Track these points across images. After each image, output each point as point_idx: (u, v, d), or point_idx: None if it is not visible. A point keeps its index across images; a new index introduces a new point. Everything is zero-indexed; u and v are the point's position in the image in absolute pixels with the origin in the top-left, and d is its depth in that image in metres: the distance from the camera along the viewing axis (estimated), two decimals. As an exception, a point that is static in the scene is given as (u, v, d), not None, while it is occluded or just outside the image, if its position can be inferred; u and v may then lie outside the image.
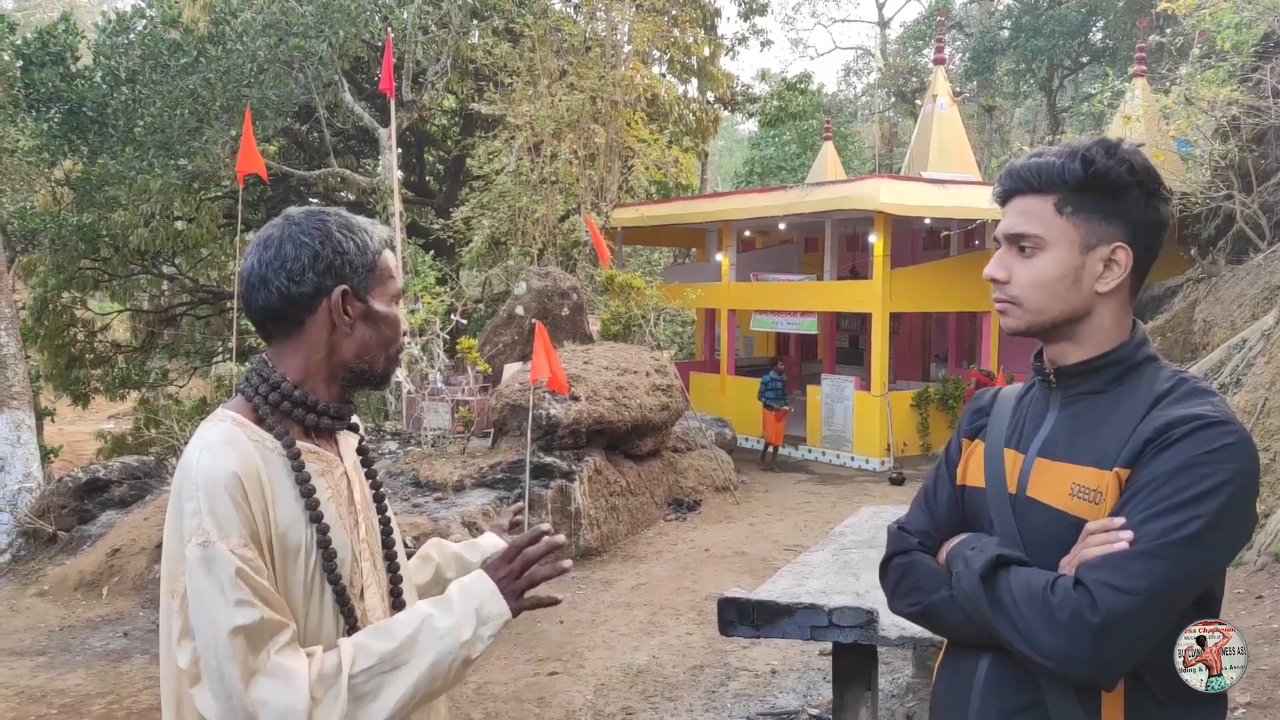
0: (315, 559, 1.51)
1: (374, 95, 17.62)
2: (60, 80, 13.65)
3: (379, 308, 1.61)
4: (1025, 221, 1.51)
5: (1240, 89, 10.90)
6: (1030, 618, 1.36)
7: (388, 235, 1.67)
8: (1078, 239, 1.49)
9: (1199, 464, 1.35)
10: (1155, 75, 15.95)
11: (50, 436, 16.33)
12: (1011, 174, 1.55)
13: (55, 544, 8.77)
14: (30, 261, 16.17)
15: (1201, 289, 11.10)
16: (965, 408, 1.78)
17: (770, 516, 10.77)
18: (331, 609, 1.52)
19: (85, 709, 5.73)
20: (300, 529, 1.50)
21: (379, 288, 1.61)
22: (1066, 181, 1.48)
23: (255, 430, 1.53)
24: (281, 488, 1.50)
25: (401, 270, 1.60)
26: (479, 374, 11.52)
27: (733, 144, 46.37)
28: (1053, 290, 1.50)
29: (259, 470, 1.47)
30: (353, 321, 1.58)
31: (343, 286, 1.56)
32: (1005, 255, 1.55)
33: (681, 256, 24.22)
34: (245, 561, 1.39)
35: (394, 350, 1.66)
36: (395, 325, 1.64)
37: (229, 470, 1.43)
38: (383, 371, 1.66)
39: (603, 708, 5.55)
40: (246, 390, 1.58)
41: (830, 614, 3.04)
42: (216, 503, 1.40)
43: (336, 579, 1.52)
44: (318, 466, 1.57)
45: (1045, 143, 6.16)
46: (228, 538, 1.39)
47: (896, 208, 13.10)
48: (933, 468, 1.77)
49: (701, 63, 21.70)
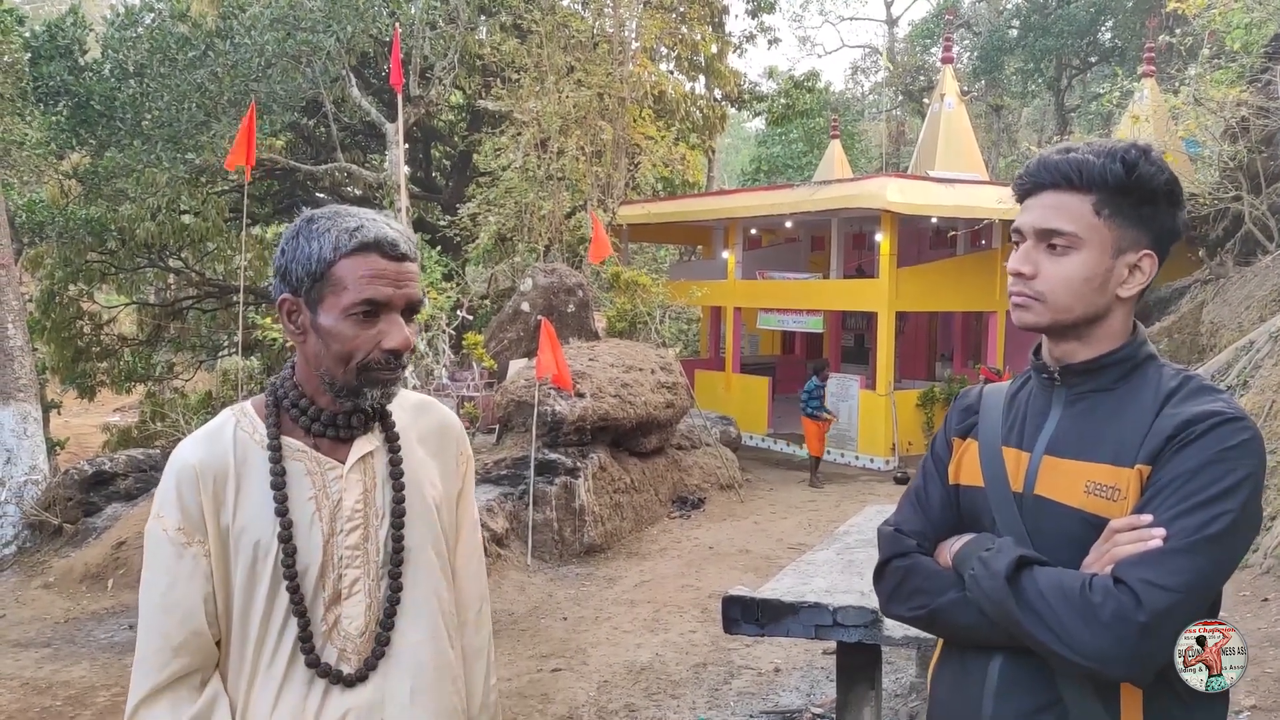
0: (276, 554, 1.51)
1: (381, 90, 17.64)
2: (68, 73, 13.69)
3: (324, 321, 1.50)
4: (1060, 218, 1.48)
5: (1249, 90, 10.87)
6: (1067, 618, 1.35)
7: (371, 238, 1.50)
8: (1110, 242, 1.48)
9: (1221, 460, 1.36)
10: (1164, 75, 15.91)
11: (56, 429, 16.36)
12: (1048, 167, 1.50)
13: (61, 536, 8.79)
14: (38, 254, 16.20)
15: (1209, 290, 11.08)
16: (952, 406, 1.76)
17: (775, 515, 10.76)
18: (285, 607, 1.52)
19: (90, 700, 5.75)
20: (266, 523, 1.52)
21: (330, 298, 1.49)
22: (1107, 182, 1.46)
23: (254, 422, 1.57)
24: (255, 481, 1.54)
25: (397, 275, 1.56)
26: (484, 370, 11.53)
27: (739, 142, 46.30)
28: (1079, 291, 1.48)
29: (228, 464, 1.53)
30: (301, 332, 1.54)
31: (284, 295, 1.53)
32: (1032, 250, 1.52)
33: (687, 254, 24.21)
34: (175, 545, 1.51)
35: (351, 366, 1.51)
36: (341, 340, 1.50)
37: (188, 461, 1.53)
38: (343, 385, 1.53)
39: (606, 704, 5.55)
40: (270, 386, 1.62)
41: (835, 613, 3.03)
42: (167, 487, 1.53)
43: (292, 575, 1.51)
44: (304, 466, 1.56)
45: (1053, 142, 6.15)
46: (164, 519, 1.52)
47: (903, 206, 13.07)
48: (919, 467, 1.75)
49: (709, 60, 21.66)
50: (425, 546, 1.64)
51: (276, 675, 1.52)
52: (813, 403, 12.66)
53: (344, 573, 1.56)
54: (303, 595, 1.52)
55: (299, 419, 1.57)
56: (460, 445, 1.77)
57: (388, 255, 1.50)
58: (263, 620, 1.52)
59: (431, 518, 1.66)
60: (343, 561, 1.56)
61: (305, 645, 1.52)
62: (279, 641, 1.52)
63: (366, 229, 1.50)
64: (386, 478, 1.61)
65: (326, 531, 1.55)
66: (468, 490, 1.79)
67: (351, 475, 1.58)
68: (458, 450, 1.76)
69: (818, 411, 12.71)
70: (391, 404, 1.64)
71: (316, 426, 1.57)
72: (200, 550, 1.51)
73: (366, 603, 1.57)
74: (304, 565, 1.53)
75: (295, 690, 1.53)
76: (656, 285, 14.75)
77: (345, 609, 1.56)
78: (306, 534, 1.54)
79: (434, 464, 1.70)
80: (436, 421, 1.74)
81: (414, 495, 1.63)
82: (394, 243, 1.51)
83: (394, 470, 1.61)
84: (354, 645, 1.56)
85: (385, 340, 1.51)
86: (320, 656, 1.53)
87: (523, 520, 8.72)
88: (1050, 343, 1.56)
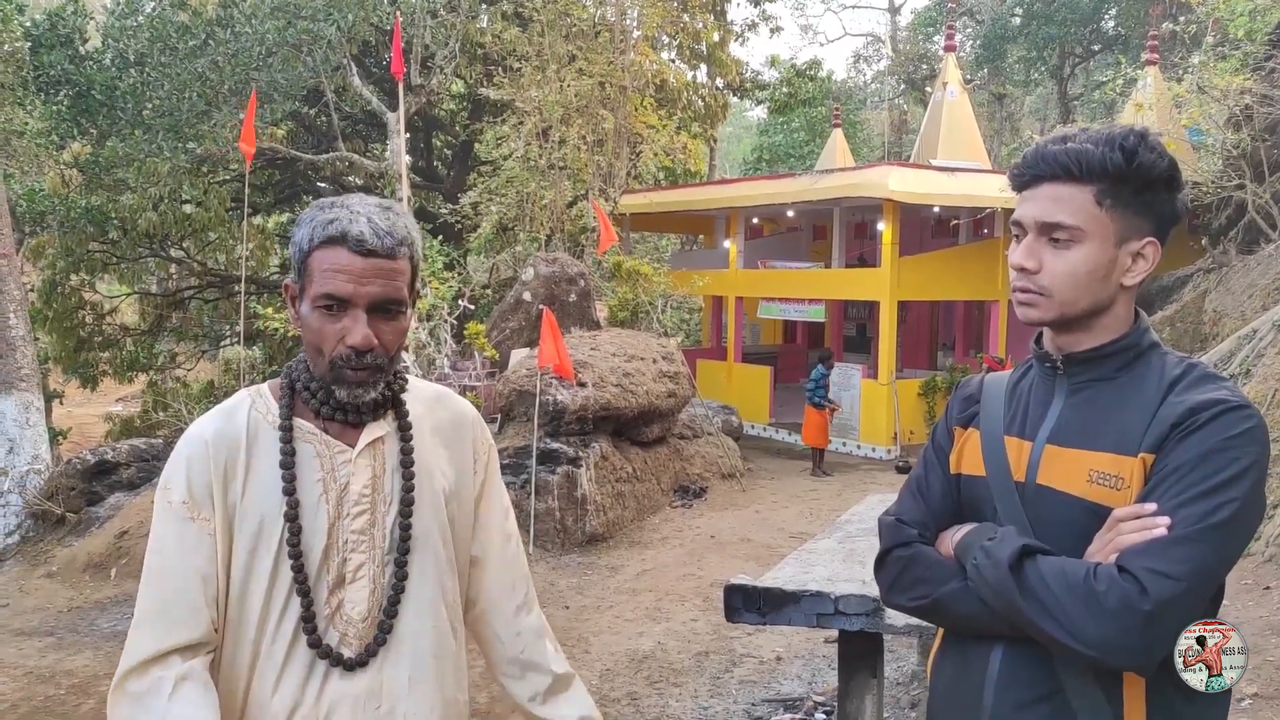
0: (282, 532, 1.52)
1: (382, 79, 17.59)
2: (69, 63, 13.65)
3: (302, 310, 1.52)
4: (1062, 211, 1.46)
5: (1253, 78, 10.82)
6: (1072, 607, 1.34)
7: (338, 231, 1.47)
8: (1113, 232, 1.46)
9: (1225, 448, 1.35)
10: (1167, 64, 15.84)
11: (58, 419, 16.37)
12: (1046, 158, 1.48)
13: (64, 526, 8.81)
14: (39, 244, 16.18)
15: (1212, 279, 11.05)
16: (953, 395, 1.75)
17: (776, 504, 10.77)
18: (288, 587, 1.52)
19: (93, 689, 5.77)
20: (273, 502, 1.52)
21: (309, 287, 1.50)
22: (1108, 172, 1.44)
23: (269, 403, 1.59)
24: (264, 460, 1.55)
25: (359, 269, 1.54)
26: (486, 359, 11.52)
27: (741, 130, 46.19)
28: (1085, 284, 1.47)
29: (240, 439, 1.54)
30: (298, 318, 1.55)
31: (287, 281, 1.57)
32: (1035, 244, 1.50)
33: (689, 243, 24.18)
34: (180, 518, 1.52)
35: (324, 358, 1.51)
36: (309, 330, 1.51)
37: (201, 434, 1.55)
38: (321, 375, 1.54)
39: (608, 693, 5.56)
40: (287, 368, 1.63)
41: (837, 601, 3.04)
42: (178, 460, 1.55)
43: (297, 554, 1.51)
44: (313, 448, 1.57)
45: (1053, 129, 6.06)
46: (170, 490, 1.53)
47: (906, 195, 13.04)
48: (920, 456, 1.74)
49: (711, 48, 21.60)
50: (433, 535, 1.63)
51: (277, 658, 1.52)
52: (819, 391, 12.69)
53: (349, 557, 1.56)
54: (306, 575, 1.52)
55: (309, 401, 1.58)
56: (478, 435, 1.76)
57: (354, 250, 1.46)
58: (265, 600, 1.52)
59: (440, 508, 1.65)
60: (348, 545, 1.56)
61: (308, 626, 1.52)
62: (280, 622, 1.52)
63: (338, 222, 1.47)
64: (397, 465, 1.61)
65: (332, 514, 1.55)
66: (493, 478, 1.78)
67: (360, 460, 1.58)
68: (474, 441, 1.75)
69: (823, 400, 12.75)
70: (406, 394, 1.65)
71: (326, 410, 1.57)
72: (205, 527, 1.51)
73: (370, 588, 1.57)
74: (309, 546, 1.53)
75: (295, 673, 1.53)
76: (658, 275, 14.74)
77: (349, 593, 1.56)
78: (313, 515, 1.54)
79: (446, 455, 1.70)
80: (452, 413, 1.74)
81: (424, 484, 1.63)
82: (360, 238, 1.46)
83: (404, 458, 1.61)
84: (356, 630, 1.56)
85: (347, 336, 1.49)
86: (323, 639, 1.53)
87: (525, 510, 8.74)
88: (1054, 333, 1.55)
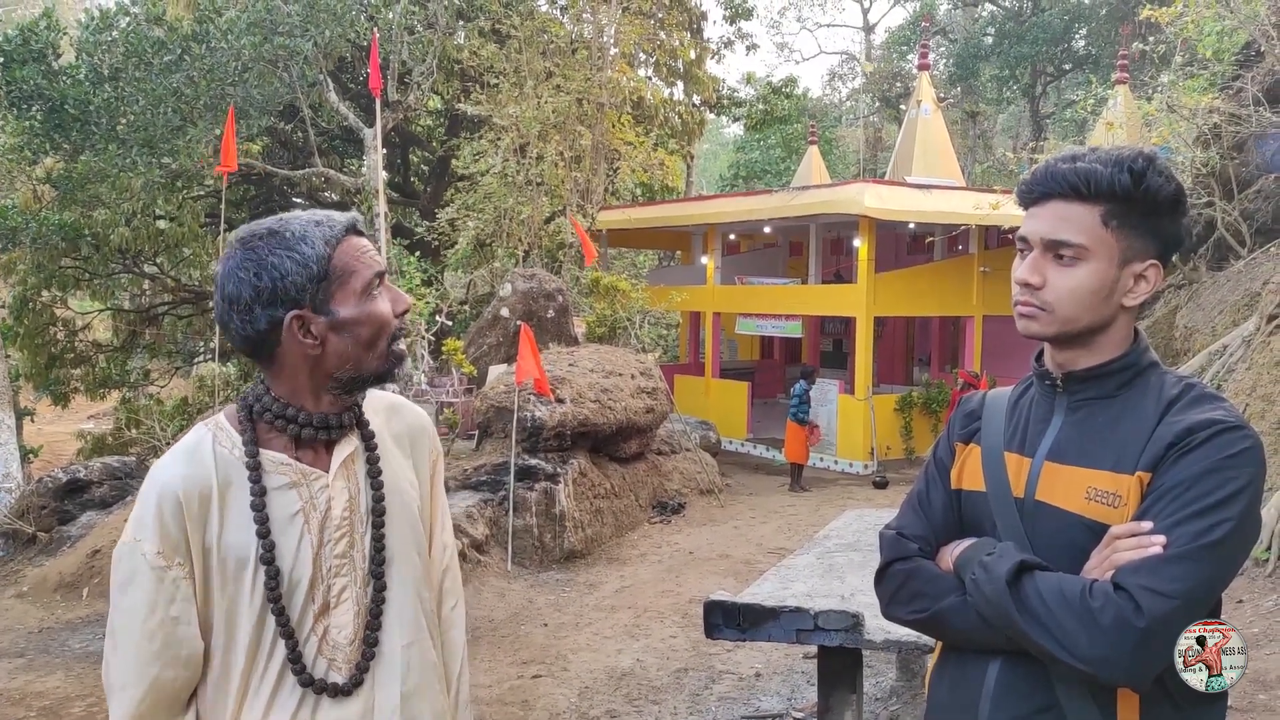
0: (260, 574, 1.49)
1: (359, 95, 17.56)
2: (42, 77, 13.53)
3: (345, 313, 1.50)
4: (1068, 229, 1.47)
5: (1221, 97, 10.99)
6: (1067, 623, 1.36)
7: (346, 221, 1.55)
8: (1117, 253, 1.48)
9: (1221, 468, 1.37)
10: (1137, 82, 16.07)
11: (30, 436, 16.17)
12: (1055, 176, 1.49)
13: (35, 545, 8.70)
14: (10, 260, 16.02)
15: (1183, 295, 11.20)
16: (954, 411, 1.76)
17: (754, 519, 10.78)
18: (273, 628, 1.50)
19: (65, 711, 5.68)
20: (251, 544, 1.49)
21: (340, 291, 1.50)
22: (1116, 193, 1.45)
23: (231, 436, 1.54)
24: (239, 500, 1.51)
25: (377, 251, 1.59)
26: (464, 376, 11.50)
27: (718, 147, 46.43)
28: (1087, 302, 1.48)
29: (210, 485, 1.50)
30: (320, 339, 1.50)
31: (293, 313, 1.48)
32: (1040, 260, 1.51)
33: (667, 259, 24.24)
34: (155, 569, 1.47)
35: (383, 345, 1.54)
36: (373, 321, 1.53)
37: (170, 485, 1.49)
38: (375, 371, 1.56)
39: (587, 710, 5.54)
40: (241, 397, 1.59)
41: (816, 617, 3.05)
42: (147, 510, 1.49)
43: (276, 598, 1.49)
44: (288, 479, 1.54)
45: (1027, 149, 6.15)
46: (143, 543, 1.48)
47: (881, 212, 13.13)
48: (921, 472, 1.75)
49: (687, 66, 21.72)
50: (407, 547, 1.63)
51: (265, 693, 1.51)
52: (803, 408, 12.71)
53: (332, 582, 1.55)
54: (289, 618, 1.50)
55: (286, 428, 1.54)
56: (431, 442, 1.76)
57: (362, 233, 1.58)
58: (251, 641, 1.50)
59: (412, 518, 1.65)
60: (331, 571, 1.55)
61: (296, 666, 1.51)
62: (269, 661, 1.51)
63: (337, 217, 1.55)
64: (365, 479, 1.60)
65: (316, 544, 1.53)
66: (437, 485, 1.78)
67: (336, 483, 1.57)
68: (430, 450, 1.75)
69: (806, 417, 12.78)
70: (365, 405, 1.63)
71: (308, 432, 1.54)
72: (181, 572, 1.48)
73: (355, 609, 1.56)
74: (295, 580, 1.51)
75: (286, 706, 1.51)
76: (636, 290, 14.77)
77: (334, 618, 1.55)
78: (294, 550, 1.52)
79: (409, 464, 1.69)
80: (408, 422, 1.73)
81: (393, 497, 1.62)
82: (359, 224, 1.58)
83: (371, 470, 1.60)
84: (344, 654, 1.55)
85: (396, 305, 1.57)
86: (312, 675, 1.52)
87: (503, 526, 8.70)
88: (1053, 350, 1.57)
